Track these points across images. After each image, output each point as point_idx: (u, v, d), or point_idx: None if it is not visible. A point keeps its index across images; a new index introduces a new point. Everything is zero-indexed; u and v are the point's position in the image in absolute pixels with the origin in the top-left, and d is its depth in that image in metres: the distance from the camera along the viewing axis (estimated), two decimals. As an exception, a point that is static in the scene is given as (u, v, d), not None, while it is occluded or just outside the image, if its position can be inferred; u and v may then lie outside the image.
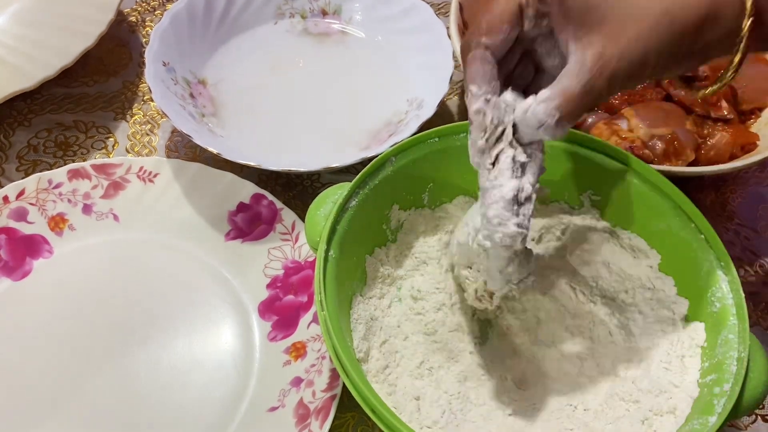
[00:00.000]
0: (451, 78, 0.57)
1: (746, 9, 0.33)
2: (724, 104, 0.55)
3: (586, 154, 0.46)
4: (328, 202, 0.43)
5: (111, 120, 0.60)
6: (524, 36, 0.37)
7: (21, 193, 0.51)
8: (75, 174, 0.53)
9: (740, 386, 0.37)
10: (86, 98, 0.61)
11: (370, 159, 0.45)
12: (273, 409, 0.45)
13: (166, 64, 0.57)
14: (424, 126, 0.51)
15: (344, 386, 0.40)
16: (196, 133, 0.52)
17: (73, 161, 0.57)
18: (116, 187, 0.53)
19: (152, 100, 0.58)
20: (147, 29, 0.67)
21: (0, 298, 0.49)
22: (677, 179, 0.46)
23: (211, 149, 0.51)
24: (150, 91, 0.53)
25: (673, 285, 0.45)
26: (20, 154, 0.58)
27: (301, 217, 0.50)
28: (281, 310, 0.49)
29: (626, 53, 0.34)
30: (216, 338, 0.48)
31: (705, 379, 0.40)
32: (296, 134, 0.58)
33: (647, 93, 0.56)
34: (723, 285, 0.41)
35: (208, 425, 0.45)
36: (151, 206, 0.53)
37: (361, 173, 0.43)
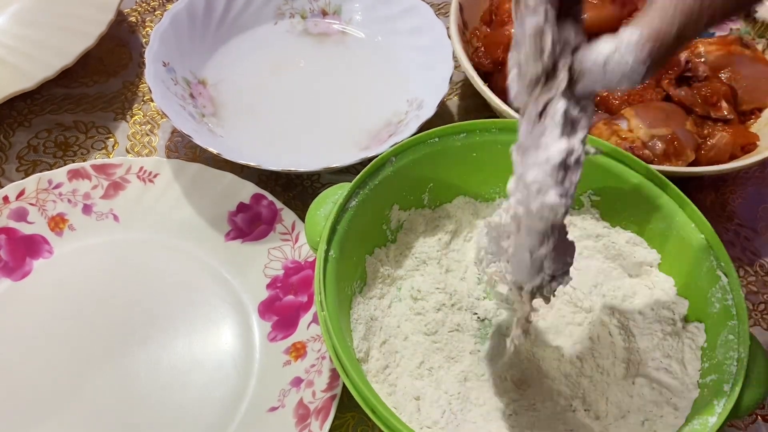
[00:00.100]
0: (451, 78, 0.57)
1: None
2: (724, 104, 0.55)
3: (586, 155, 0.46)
4: (328, 203, 0.43)
5: (111, 120, 0.60)
6: None
7: (21, 194, 0.51)
8: (75, 174, 0.53)
9: (740, 387, 0.37)
10: (86, 98, 0.61)
11: (370, 159, 0.45)
12: (273, 409, 0.45)
13: (166, 65, 0.57)
14: (424, 126, 0.51)
15: (344, 386, 0.40)
16: (196, 134, 0.52)
17: (73, 161, 0.57)
18: (116, 188, 0.53)
19: (152, 101, 0.58)
20: (147, 29, 0.67)
21: (0, 299, 0.49)
22: (677, 179, 0.46)
23: (211, 149, 0.51)
24: (150, 92, 0.53)
25: (673, 285, 0.45)
26: (20, 155, 0.58)
27: (301, 218, 0.50)
28: (281, 311, 0.49)
29: None
30: (216, 338, 0.48)
31: (705, 380, 0.40)
32: (296, 134, 0.58)
33: (647, 93, 0.56)
34: (723, 285, 0.41)
35: (208, 425, 0.45)
36: (151, 206, 0.53)
37: (361, 173, 0.43)
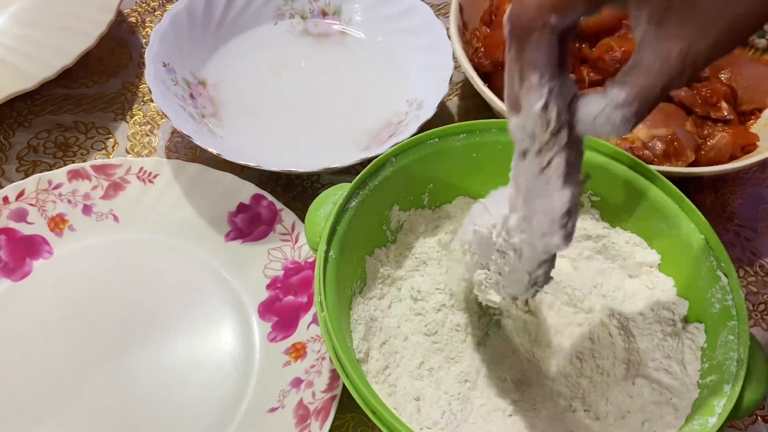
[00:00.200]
0: (451, 78, 0.57)
1: None
2: (724, 105, 0.55)
3: (586, 155, 0.45)
4: (328, 203, 0.43)
5: (111, 121, 0.60)
6: None
7: (21, 194, 0.51)
8: (75, 175, 0.53)
9: (740, 387, 0.37)
10: (86, 99, 0.61)
11: (370, 160, 0.45)
12: (273, 410, 0.45)
13: (166, 65, 0.57)
14: (424, 127, 0.51)
15: (344, 387, 0.40)
16: (196, 134, 0.52)
17: (73, 162, 0.57)
18: (116, 188, 0.53)
19: (152, 101, 0.58)
20: (147, 30, 0.67)
21: (0, 299, 0.49)
22: (677, 180, 0.46)
23: (211, 150, 0.51)
24: (150, 92, 0.53)
25: (673, 285, 0.45)
26: (20, 155, 0.58)
27: (301, 218, 0.50)
28: (281, 311, 0.49)
29: (720, 42, 0.28)
30: (216, 338, 0.48)
31: (705, 380, 0.40)
32: (296, 135, 0.58)
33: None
34: (723, 285, 0.41)
35: (208, 425, 0.45)
36: (151, 207, 0.53)
37: (361, 174, 0.43)
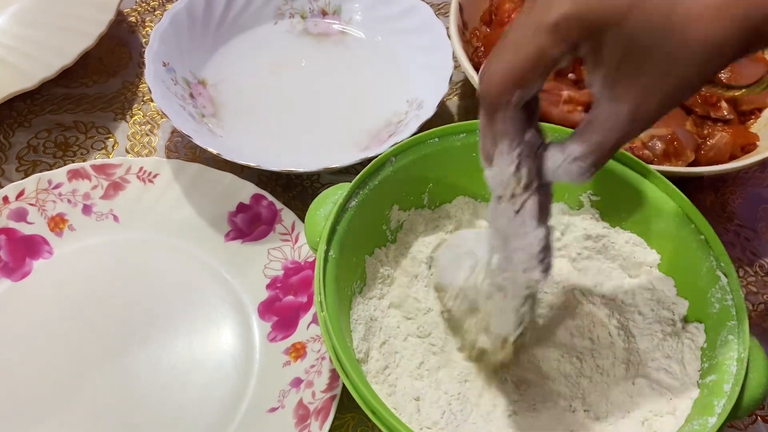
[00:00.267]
0: (451, 78, 0.57)
1: None
2: (724, 104, 0.55)
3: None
4: (328, 203, 0.43)
5: (111, 120, 0.60)
6: None
7: (21, 194, 0.51)
8: (75, 174, 0.53)
9: (740, 387, 0.37)
10: (86, 99, 0.61)
11: (370, 159, 0.45)
12: (273, 410, 0.45)
13: (166, 65, 0.57)
14: (424, 126, 0.51)
15: (344, 387, 0.40)
16: (196, 134, 0.52)
17: (73, 162, 0.57)
18: (116, 188, 0.53)
19: (152, 101, 0.58)
20: (147, 29, 0.67)
21: (0, 299, 0.49)
22: (677, 180, 0.46)
23: (211, 150, 0.51)
24: (150, 92, 0.53)
25: (673, 285, 0.45)
26: (20, 155, 0.58)
27: (301, 218, 0.50)
28: (281, 311, 0.49)
29: (665, 102, 0.30)
30: (216, 338, 0.48)
31: (705, 380, 0.40)
32: (296, 135, 0.58)
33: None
34: (723, 285, 0.41)
35: (208, 425, 0.45)
36: (151, 207, 0.53)
37: (361, 174, 0.43)
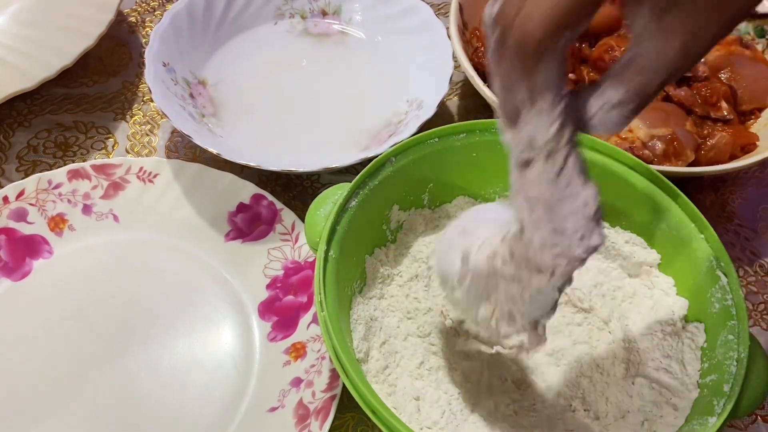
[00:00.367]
0: (451, 78, 0.57)
1: None
2: (724, 104, 0.55)
3: (586, 155, 0.46)
4: (328, 203, 0.43)
5: (111, 120, 0.60)
6: None
7: (21, 194, 0.51)
8: (75, 174, 0.53)
9: (740, 387, 0.37)
10: (86, 99, 0.61)
11: (370, 159, 0.45)
12: (273, 410, 0.45)
13: (166, 65, 0.57)
14: (424, 126, 0.51)
15: (344, 386, 0.40)
16: (196, 134, 0.52)
17: (73, 162, 0.57)
18: (116, 188, 0.53)
19: (152, 101, 0.58)
20: (147, 29, 0.67)
21: (0, 299, 0.49)
22: (677, 179, 0.46)
23: (211, 149, 0.51)
24: (150, 92, 0.53)
25: (673, 285, 0.45)
26: (20, 155, 0.58)
27: (301, 218, 0.50)
28: (281, 311, 0.49)
29: (720, 33, 0.27)
30: (216, 338, 0.48)
31: (705, 380, 0.40)
32: (296, 135, 0.58)
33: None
34: (723, 285, 0.41)
35: (208, 425, 0.45)
36: (151, 207, 0.53)
37: (361, 174, 0.43)
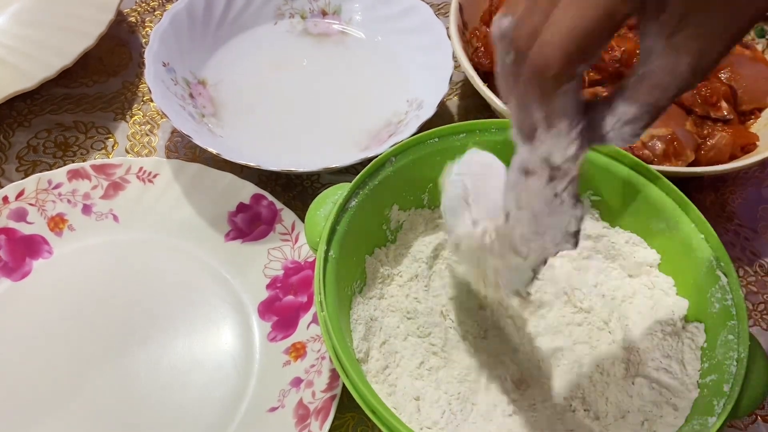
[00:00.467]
0: (451, 78, 0.57)
1: None
2: (724, 104, 0.55)
3: (587, 155, 0.46)
4: (328, 203, 0.43)
5: (111, 120, 0.60)
6: None
7: (21, 194, 0.51)
8: (75, 174, 0.53)
9: (740, 387, 0.37)
10: (86, 99, 0.61)
11: (370, 159, 0.45)
12: (273, 410, 0.45)
13: (166, 65, 0.57)
14: (424, 126, 0.51)
15: (344, 386, 0.40)
16: (196, 134, 0.52)
17: (73, 162, 0.57)
18: (116, 188, 0.53)
19: (152, 101, 0.58)
20: (147, 29, 0.67)
21: (0, 299, 0.49)
22: (677, 179, 0.46)
23: (211, 149, 0.51)
24: (150, 92, 0.53)
25: (673, 285, 0.45)
26: (20, 155, 0.58)
27: (301, 218, 0.50)
28: (281, 311, 0.49)
29: (727, 49, 0.27)
30: (216, 338, 0.48)
31: (705, 380, 0.40)
32: (296, 135, 0.58)
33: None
34: (723, 285, 0.41)
35: (208, 425, 0.45)
36: (151, 207, 0.53)
37: (361, 174, 0.43)
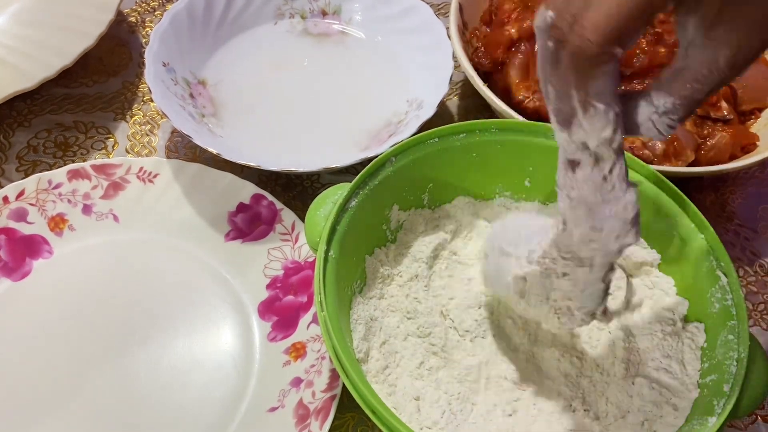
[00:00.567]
0: (451, 78, 0.57)
1: None
2: (724, 104, 0.55)
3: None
4: (328, 203, 0.43)
5: (111, 120, 0.60)
6: None
7: (21, 194, 0.51)
8: (75, 174, 0.53)
9: (740, 387, 0.37)
10: (86, 99, 0.61)
11: (370, 159, 0.45)
12: (273, 410, 0.45)
13: (166, 65, 0.57)
14: (424, 126, 0.51)
15: (344, 386, 0.40)
16: (196, 134, 0.52)
17: (73, 162, 0.57)
18: (116, 188, 0.53)
19: (152, 101, 0.58)
20: (147, 29, 0.67)
21: (0, 299, 0.49)
22: (677, 179, 0.46)
23: (211, 149, 0.51)
24: (150, 92, 0.53)
25: (673, 285, 0.45)
26: (20, 155, 0.58)
27: (301, 218, 0.50)
28: (281, 311, 0.49)
29: (765, 44, 0.27)
30: (216, 338, 0.48)
31: (705, 380, 0.40)
32: (296, 135, 0.58)
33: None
34: (723, 285, 0.41)
35: (208, 425, 0.45)
36: (151, 207, 0.53)
37: (361, 174, 0.43)
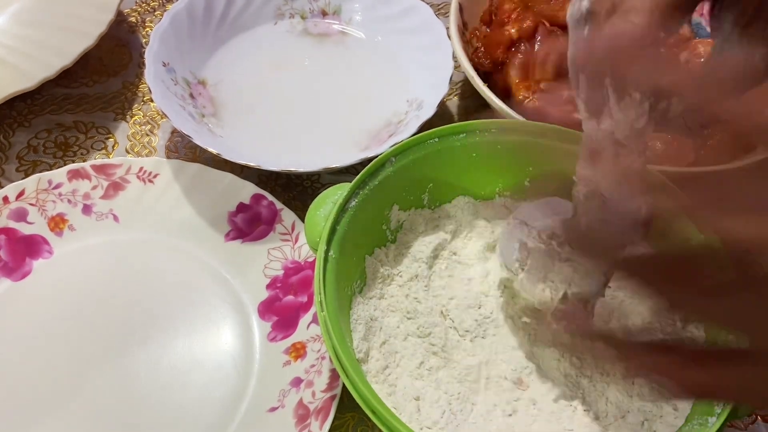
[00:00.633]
0: (451, 78, 0.57)
1: None
2: (724, 104, 0.55)
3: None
4: (328, 203, 0.43)
5: (111, 120, 0.60)
6: None
7: (21, 194, 0.51)
8: (75, 174, 0.53)
9: (740, 387, 0.37)
10: (86, 99, 0.61)
11: (370, 159, 0.45)
12: (273, 410, 0.45)
13: (166, 65, 0.57)
14: (424, 126, 0.51)
15: (344, 386, 0.40)
16: (196, 134, 0.52)
17: (73, 162, 0.57)
18: (116, 188, 0.53)
19: (152, 101, 0.58)
20: (147, 29, 0.67)
21: (0, 299, 0.49)
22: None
23: (211, 149, 0.51)
24: (150, 92, 0.53)
25: (673, 285, 0.45)
26: (20, 155, 0.58)
27: (301, 218, 0.50)
28: (281, 311, 0.49)
29: None
30: (216, 338, 0.48)
31: (705, 380, 0.40)
32: (296, 135, 0.58)
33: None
34: (723, 285, 0.41)
35: (208, 425, 0.45)
36: (151, 207, 0.53)
37: (361, 174, 0.43)
